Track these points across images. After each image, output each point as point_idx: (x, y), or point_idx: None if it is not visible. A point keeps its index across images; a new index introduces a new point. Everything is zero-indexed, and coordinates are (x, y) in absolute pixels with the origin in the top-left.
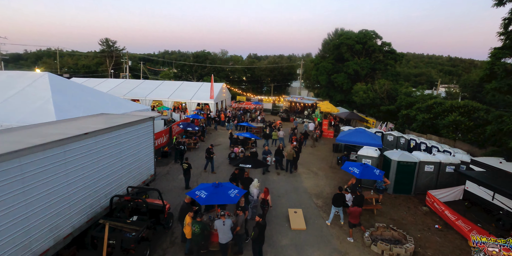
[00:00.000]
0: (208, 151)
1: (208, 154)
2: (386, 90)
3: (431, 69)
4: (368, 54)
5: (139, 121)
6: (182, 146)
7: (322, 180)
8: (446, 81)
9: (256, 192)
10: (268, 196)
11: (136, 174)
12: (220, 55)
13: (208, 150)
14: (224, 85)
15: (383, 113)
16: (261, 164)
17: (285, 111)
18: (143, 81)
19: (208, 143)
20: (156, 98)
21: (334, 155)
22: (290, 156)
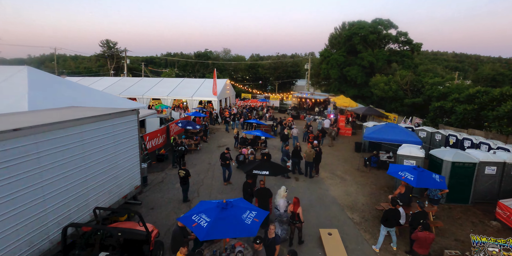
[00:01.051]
0: (224, 156)
1: (223, 161)
2: (409, 82)
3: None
4: (383, 45)
5: (114, 115)
6: (182, 147)
7: (352, 187)
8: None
9: (283, 204)
10: (299, 208)
11: (111, 187)
12: (223, 54)
13: (223, 156)
14: (228, 81)
15: (408, 107)
16: (281, 170)
17: (294, 109)
18: (141, 79)
19: (211, 144)
20: (155, 96)
21: (358, 155)
22: (309, 157)
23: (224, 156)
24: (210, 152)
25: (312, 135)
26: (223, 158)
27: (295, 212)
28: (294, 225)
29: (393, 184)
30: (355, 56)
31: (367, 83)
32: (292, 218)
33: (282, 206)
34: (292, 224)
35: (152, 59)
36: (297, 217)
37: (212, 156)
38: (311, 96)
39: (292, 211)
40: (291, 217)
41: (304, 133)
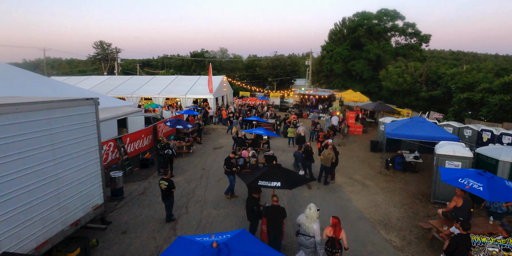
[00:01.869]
0: (229, 162)
1: (228, 167)
2: (424, 74)
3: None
4: (388, 37)
5: (50, 104)
6: (168, 150)
7: (378, 195)
8: None
9: (318, 229)
10: (341, 232)
11: (47, 212)
12: (219, 54)
13: (228, 161)
14: (224, 78)
15: (424, 101)
16: (298, 179)
17: (296, 106)
18: (131, 77)
19: (206, 145)
20: (145, 95)
21: (376, 156)
22: (327, 160)
23: (229, 161)
24: (205, 155)
25: (323, 133)
26: (228, 164)
27: (337, 238)
28: (334, 254)
29: (427, 191)
30: (360, 49)
31: (374, 78)
32: (331, 246)
33: (317, 232)
34: (331, 254)
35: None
36: (338, 244)
37: (206, 159)
38: (315, 93)
39: (331, 236)
40: (329, 245)
41: (311, 131)
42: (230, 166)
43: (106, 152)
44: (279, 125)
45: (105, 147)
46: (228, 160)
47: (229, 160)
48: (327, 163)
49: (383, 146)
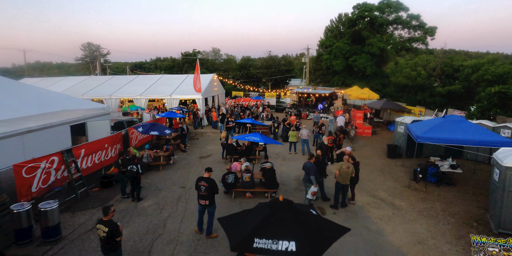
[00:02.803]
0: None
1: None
2: (439, 67)
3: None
4: (390, 31)
5: None
6: (133, 166)
7: (418, 223)
8: None
9: None
10: None
11: None
12: (212, 54)
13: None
14: (215, 77)
15: (441, 97)
16: (326, 235)
17: (294, 106)
18: (111, 77)
19: (192, 154)
20: (125, 96)
21: (395, 163)
22: (346, 177)
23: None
24: (188, 167)
25: (331, 138)
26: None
27: None
28: None
29: (481, 214)
30: (361, 44)
31: (377, 74)
32: None
33: None
34: None
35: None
36: None
37: (189, 173)
38: (314, 91)
39: None
40: None
41: (315, 134)
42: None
43: (46, 170)
44: (277, 128)
45: (44, 163)
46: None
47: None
48: (345, 180)
49: (402, 150)
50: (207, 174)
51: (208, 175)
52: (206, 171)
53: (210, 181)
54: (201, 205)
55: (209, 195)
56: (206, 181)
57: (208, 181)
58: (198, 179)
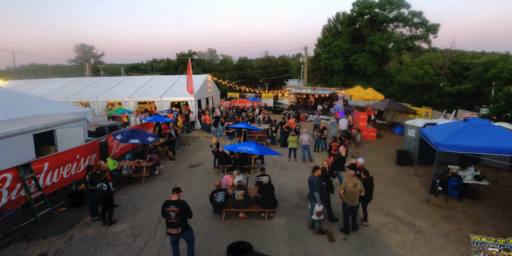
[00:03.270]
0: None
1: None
2: (445, 65)
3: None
4: (393, 29)
5: None
6: (102, 184)
7: (447, 252)
8: None
9: None
10: None
11: None
12: (208, 55)
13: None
14: (209, 77)
15: (450, 97)
16: None
17: (292, 108)
18: (100, 78)
19: (181, 162)
20: (113, 99)
21: (407, 171)
22: (353, 196)
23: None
24: (175, 178)
25: (336, 144)
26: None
27: None
28: None
29: None
30: (361, 43)
31: (378, 73)
32: None
33: None
34: None
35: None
36: None
37: (175, 186)
38: (313, 92)
39: None
40: None
41: (316, 139)
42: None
43: None
44: (275, 132)
45: None
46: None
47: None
48: (353, 201)
49: (413, 157)
50: (175, 196)
51: (177, 197)
52: (174, 192)
53: (180, 204)
54: (172, 235)
55: (181, 221)
56: (175, 205)
57: (179, 205)
58: (165, 203)
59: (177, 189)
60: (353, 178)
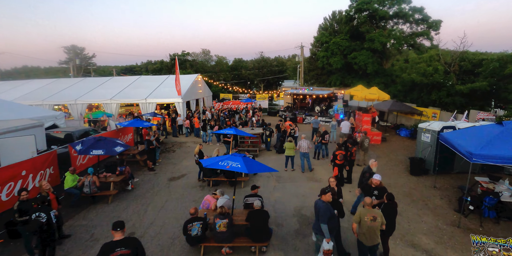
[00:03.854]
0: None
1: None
2: (454, 62)
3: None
4: (392, 26)
5: None
6: (41, 214)
7: None
8: None
9: None
10: None
11: None
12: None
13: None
14: (199, 77)
15: (461, 96)
16: None
17: (288, 109)
18: (82, 79)
19: (161, 173)
20: (93, 101)
21: (424, 182)
22: (371, 234)
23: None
24: (150, 195)
25: (342, 152)
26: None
27: None
28: None
29: None
30: (360, 40)
31: (378, 72)
32: None
33: None
34: None
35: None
36: None
37: (149, 206)
38: (311, 92)
39: None
40: None
41: (317, 145)
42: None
43: None
44: (269, 137)
45: None
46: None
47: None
48: (373, 239)
49: (429, 165)
50: (119, 233)
51: (122, 235)
52: (117, 229)
53: (131, 244)
54: None
55: None
56: (125, 246)
57: (129, 245)
58: (107, 247)
59: (119, 224)
60: (370, 208)
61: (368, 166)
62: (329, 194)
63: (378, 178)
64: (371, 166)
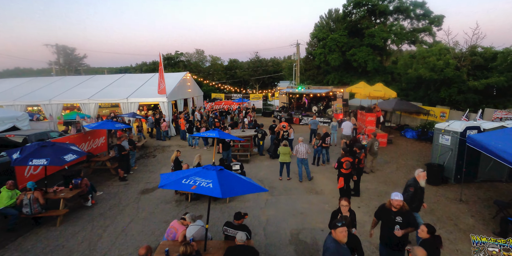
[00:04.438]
0: None
1: None
2: (468, 56)
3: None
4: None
5: None
6: None
7: None
8: None
9: None
10: None
11: None
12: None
13: None
14: (188, 76)
15: (474, 93)
16: None
17: (283, 109)
18: (60, 78)
19: (134, 183)
20: (69, 101)
21: (445, 194)
22: None
23: None
24: (111, 214)
25: (349, 159)
26: None
27: None
28: None
29: None
30: (359, 37)
31: (378, 70)
32: None
33: None
34: None
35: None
36: None
37: (106, 228)
38: (308, 91)
39: None
40: None
41: (316, 149)
42: None
43: None
44: (262, 140)
45: None
46: None
47: None
48: None
49: (449, 172)
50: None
51: None
52: None
53: None
54: None
55: None
56: None
57: None
58: None
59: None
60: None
61: (413, 178)
62: (343, 232)
63: (399, 198)
64: (417, 178)
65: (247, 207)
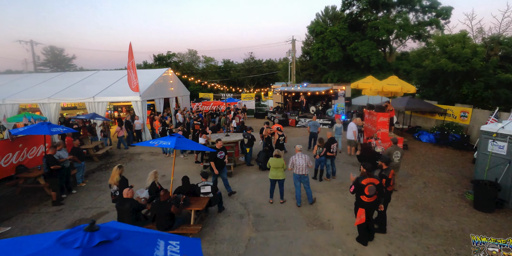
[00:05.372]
0: None
1: None
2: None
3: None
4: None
5: None
6: None
7: None
8: None
9: None
10: None
11: None
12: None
13: None
14: (170, 72)
15: (506, 88)
16: None
17: (278, 110)
18: (23, 75)
19: (70, 207)
20: (26, 101)
21: (504, 226)
22: None
23: None
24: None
25: (374, 181)
26: None
27: None
28: None
29: None
30: (360, 31)
31: (382, 66)
32: None
33: None
34: None
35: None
36: None
37: None
38: (305, 89)
39: None
40: None
41: (319, 158)
42: None
43: None
44: (249, 146)
45: None
46: None
47: None
48: None
49: (505, 194)
50: None
51: None
52: None
53: None
54: None
55: None
56: None
57: None
58: None
59: None
60: None
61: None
62: None
63: None
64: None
65: (216, 253)
